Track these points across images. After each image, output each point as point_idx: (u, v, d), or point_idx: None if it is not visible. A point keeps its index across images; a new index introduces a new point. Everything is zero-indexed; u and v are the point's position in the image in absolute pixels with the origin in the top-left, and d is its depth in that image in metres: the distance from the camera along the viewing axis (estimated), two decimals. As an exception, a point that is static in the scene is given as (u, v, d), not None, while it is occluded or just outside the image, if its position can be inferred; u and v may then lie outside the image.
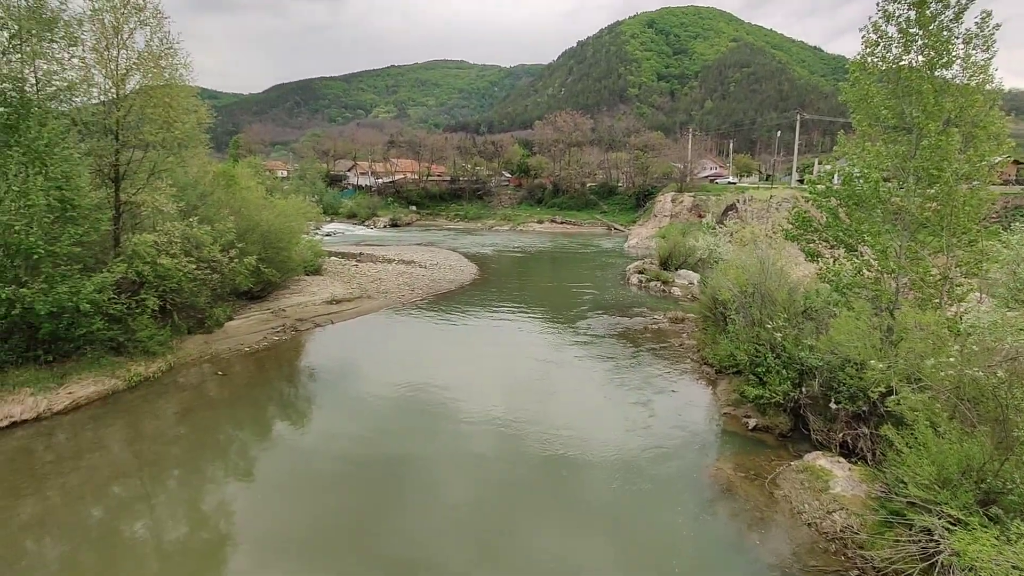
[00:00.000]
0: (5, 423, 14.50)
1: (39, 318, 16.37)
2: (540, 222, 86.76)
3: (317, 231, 49.63)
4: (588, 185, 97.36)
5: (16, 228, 15.85)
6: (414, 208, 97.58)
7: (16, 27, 17.50)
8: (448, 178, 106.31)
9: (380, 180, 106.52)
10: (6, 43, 17.54)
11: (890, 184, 13.88)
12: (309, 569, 9.99)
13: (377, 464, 13.66)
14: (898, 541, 9.45)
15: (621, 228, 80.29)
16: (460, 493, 12.46)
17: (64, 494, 12.05)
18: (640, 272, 39.59)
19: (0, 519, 11.04)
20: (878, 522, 10.22)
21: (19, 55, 17.67)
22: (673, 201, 70.69)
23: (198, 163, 26.42)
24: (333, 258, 42.84)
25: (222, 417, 16.35)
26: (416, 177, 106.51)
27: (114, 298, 18.26)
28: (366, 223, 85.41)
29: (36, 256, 16.29)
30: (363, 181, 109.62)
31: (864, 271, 14.11)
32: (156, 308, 19.82)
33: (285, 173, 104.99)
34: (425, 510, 11.82)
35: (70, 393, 16.12)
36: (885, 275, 13.71)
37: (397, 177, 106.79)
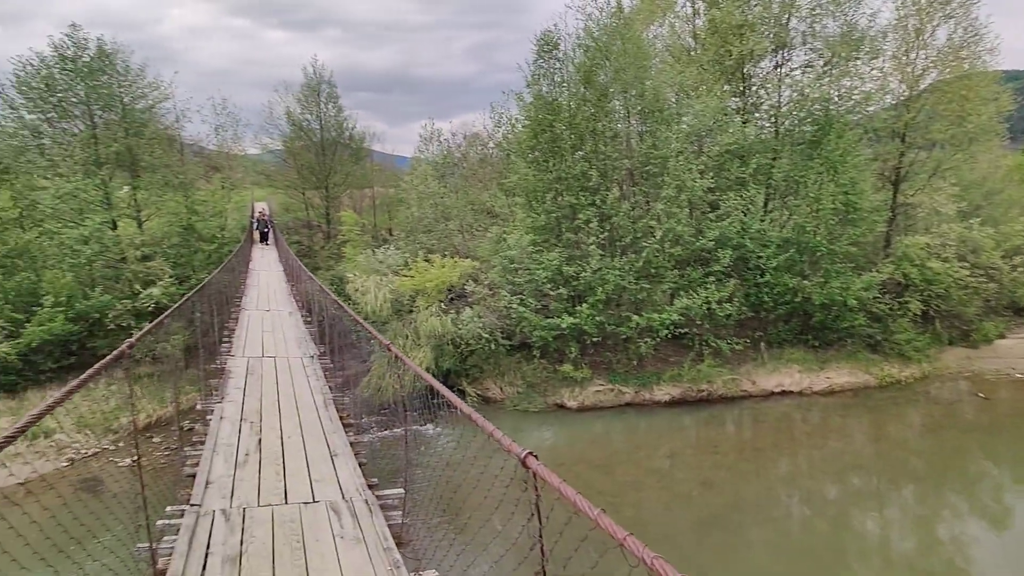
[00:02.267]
0: (777, 389, 17.77)
1: (813, 307, 18.92)
2: None
3: None
4: None
5: (807, 229, 18.76)
6: None
7: (830, 53, 20.24)
8: None
9: None
10: (820, 69, 20.58)
11: None
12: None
13: None
14: None
15: None
16: None
17: (809, 464, 13.87)
18: None
19: (764, 467, 13.83)
20: None
21: (828, 78, 20.37)
22: None
23: (988, 158, 23.58)
24: None
25: (975, 444, 14.63)
26: None
27: (878, 297, 19.02)
28: None
29: (818, 253, 18.82)
30: None
31: None
32: (917, 313, 19.39)
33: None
34: None
35: (828, 378, 18.07)
36: None
37: None
